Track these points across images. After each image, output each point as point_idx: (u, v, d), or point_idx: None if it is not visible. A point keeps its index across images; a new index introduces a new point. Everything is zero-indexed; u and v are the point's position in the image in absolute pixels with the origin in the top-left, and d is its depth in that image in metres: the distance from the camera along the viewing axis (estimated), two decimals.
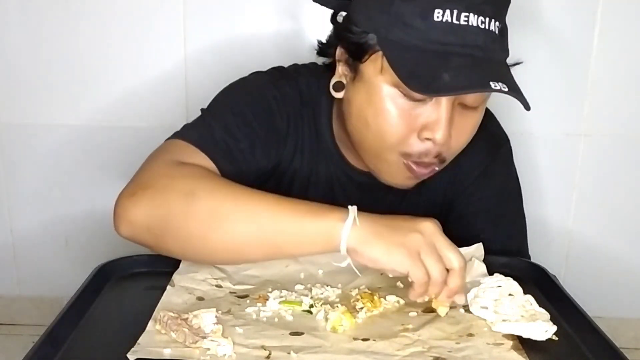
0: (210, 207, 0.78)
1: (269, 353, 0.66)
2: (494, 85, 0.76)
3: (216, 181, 0.83)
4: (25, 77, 1.52)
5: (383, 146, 0.86)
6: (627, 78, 1.51)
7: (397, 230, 0.74)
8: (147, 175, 0.85)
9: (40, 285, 1.67)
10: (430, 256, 0.73)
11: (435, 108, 0.82)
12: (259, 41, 1.47)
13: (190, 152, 0.88)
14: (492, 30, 0.79)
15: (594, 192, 1.59)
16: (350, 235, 0.74)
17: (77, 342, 0.69)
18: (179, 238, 0.80)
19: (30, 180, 1.59)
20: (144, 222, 0.81)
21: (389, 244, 0.73)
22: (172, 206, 0.80)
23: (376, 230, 0.74)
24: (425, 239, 0.73)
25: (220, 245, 0.79)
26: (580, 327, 0.75)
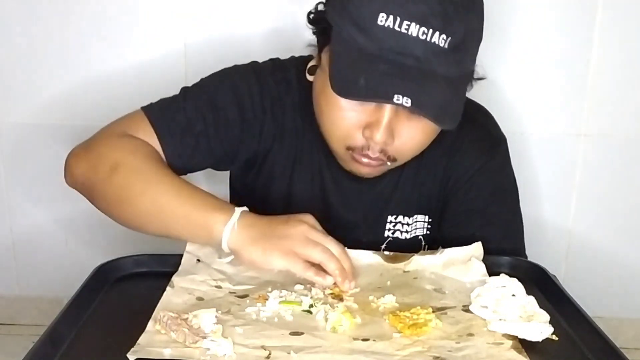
0: (125, 183, 0.89)
1: (269, 353, 0.66)
2: (397, 98, 0.78)
3: (139, 159, 0.91)
4: (24, 76, 1.52)
5: (331, 136, 0.91)
6: (627, 78, 1.52)
7: (271, 235, 0.82)
8: (95, 139, 0.97)
9: (40, 285, 1.67)
10: (305, 247, 0.80)
11: (377, 110, 0.85)
12: (259, 36, 1.47)
13: (143, 126, 0.96)
14: (434, 42, 0.80)
15: (593, 192, 1.59)
16: (230, 238, 0.82)
17: (77, 342, 0.69)
18: (101, 201, 0.93)
19: (30, 180, 1.59)
20: (79, 179, 0.95)
21: (264, 248, 0.81)
22: (98, 173, 0.91)
23: (252, 235, 0.82)
24: (297, 237, 0.81)
25: (128, 216, 0.90)
26: (580, 327, 0.75)
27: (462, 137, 1.01)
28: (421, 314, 0.74)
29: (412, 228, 1.05)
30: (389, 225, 1.04)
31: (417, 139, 0.89)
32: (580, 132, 1.55)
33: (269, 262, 0.81)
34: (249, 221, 0.83)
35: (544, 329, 0.71)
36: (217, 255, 0.87)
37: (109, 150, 0.93)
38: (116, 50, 1.50)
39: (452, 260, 0.88)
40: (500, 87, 1.49)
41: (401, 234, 1.04)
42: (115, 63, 1.51)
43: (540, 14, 1.47)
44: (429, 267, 0.88)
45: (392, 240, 1.04)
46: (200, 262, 0.86)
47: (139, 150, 0.93)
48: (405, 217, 1.04)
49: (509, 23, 1.44)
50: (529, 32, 1.47)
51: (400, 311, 0.75)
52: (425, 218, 1.05)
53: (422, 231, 1.05)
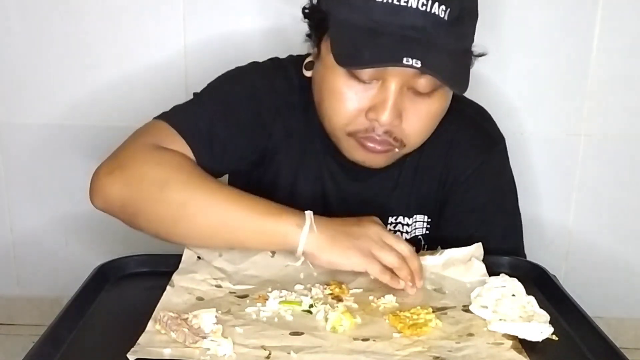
0: (182, 199, 0.84)
1: (269, 353, 0.66)
2: (407, 60, 0.78)
3: (189, 173, 0.88)
4: (24, 77, 1.52)
5: (333, 124, 0.91)
6: (627, 78, 1.51)
7: (348, 234, 0.82)
8: (127, 155, 0.90)
9: (40, 285, 1.67)
10: (382, 250, 0.81)
11: (382, 90, 0.85)
12: (259, 37, 1.47)
13: (172, 136, 0.92)
14: (435, 13, 0.80)
15: (593, 192, 1.59)
16: (307, 241, 0.81)
17: (77, 342, 0.70)
18: (150, 222, 0.86)
19: (30, 180, 1.59)
20: (118, 200, 0.87)
21: (344, 248, 0.81)
22: (146, 192, 0.85)
23: (331, 235, 0.81)
24: (374, 238, 0.82)
25: (188, 234, 0.86)
26: (580, 327, 0.75)
27: (461, 137, 1.01)
28: (421, 314, 0.74)
29: (412, 228, 1.05)
30: (390, 227, 1.04)
31: (424, 120, 0.89)
32: (580, 132, 1.55)
33: (349, 263, 0.81)
34: (324, 223, 0.82)
35: (544, 329, 0.71)
36: (217, 253, 0.87)
37: (150, 167, 0.87)
38: (116, 51, 1.50)
39: (452, 261, 0.88)
40: (500, 87, 1.48)
41: (401, 235, 1.04)
42: (115, 64, 1.50)
43: (540, 14, 1.47)
44: (429, 267, 0.88)
45: None
46: (201, 259, 0.86)
47: (183, 164, 0.89)
48: (405, 218, 1.04)
49: (509, 23, 1.44)
50: (529, 32, 1.47)
51: (400, 311, 0.75)
52: (424, 218, 1.05)
53: (421, 231, 1.05)
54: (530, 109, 1.53)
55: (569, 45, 1.49)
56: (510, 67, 1.49)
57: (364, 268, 0.80)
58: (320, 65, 0.91)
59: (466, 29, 0.87)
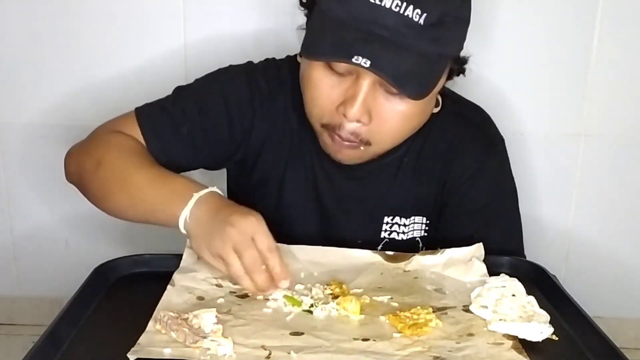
0: (105, 178, 0.92)
1: (269, 353, 0.66)
2: (356, 59, 0.79)
3: (123, 155, 0.93)
4: (25, 76, 1.52)
5: (310, 114, 0.92)
6: (627, 78, 1.51)
7: (208, 231, 0.79)
8: (89, 137, 1.00)
9: (40, 285, 1.67)
10: (227, 256, 0.77)
11: (354, 85, 0.85)
12: (259, 36, 1.47)
13: (133, 124, 0.98)
14: (408, 15, 0.81)
15: (593, 192, 1.59)
16: (186, 224, 0.81)
17: (77, 342, 0.70)
18: (88, 194, 0.96)
19: (30, 180, 1.59)
20: (73, 176, 0.99)
21: (198, 244, 0.81)
22: (85, 168, 0.94)
23: (197, 225, 0.81)
24: (226, 242, 0.77)
25: (112, 208, 0.93)
26: (580, 327, 0.75)
27: (460, 138, 1.01)
28: (421, 314, 0.74)
29: (410, 229, 1.04)
30: (386, 227, 1.03)
31: (394, 121, 0.88)
32: (580, 132, 1.55)
33: (203, 257, 0.81)
34: (201, 210, 0.81)
35: (544, 329, 0.71)
36: None
37: (96, 147, 0.96)
38: (116, 51, 1.49)
39: (452, 261, 0.88)
40: (500, 87, 1.48)
41: (398, 235, 1.04)
42: (115, 63, 1.50)
43: (540, 14, 1.47)
44: (430, 267, 0.88)
45: (388, 241, 1.04)
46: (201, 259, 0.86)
47: (123, 146, 0.94)
48: (402, 219, 1.03)
49: (509, 23, 1.44)
50: (529, 32, 1.47)
51: (400, 311, 0.75)
52: (422, 219, 1.05)
53: (419, 232, 1.05)
54: (530, 109, 1.53)
55: (569, 45, 1.49)
56: (510, 67, 1.48)
57: (211, 266, 0.80)
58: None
59: (446, 34, 0.85)
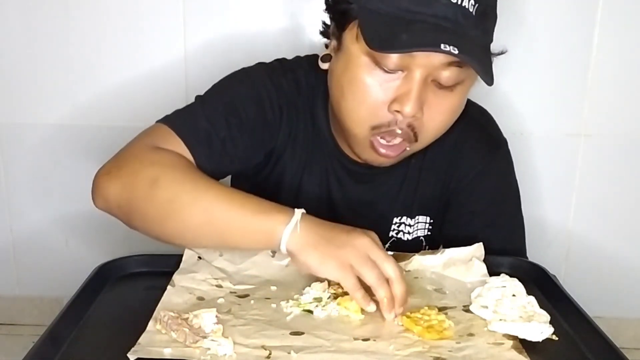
0: (169, 197, 0.84)
1: (269, 353, 0.66)
2: (444, 46, 0.77)
3: (181, 171, 0.87)
4: (25, 77, 1.52)
5: (354, 117, 0.88)
6: (627, 78, 1.52)
7: (332, 242, 0.77)
8: (124, 156, 0.91)
9: (40, 285, 1.67)
10: (362, 266, 0.75)
11: (407, 81, 0.83)
12: (259, 40, 1.47)
13: (170, 138, 0.92)
14: (464, 6, 0.80)
15: (594, 192, 1.59)
16: (290, 239, 0.78)
17: (77, 342, 0.69)
18: (142, 220, 0.86)
19: (30, 180, 1.59)
20: (114, 200, 0.87)
21: (322, 255, 0.77)
22: (137, 190, 0.85)
23: (313, 239, 0.78)
24: (358, 252, 0.76)
25: (175, 232, 0.85)
26: (580, 327, 0.75)
27: (464, 139, 1.01)
28: (432, 314, 0.74)
29: (414, 229, 1.05)
30: (394, 227, 1.04)
31: (444, 114, 0.88)
32: (580, 132, 1.55)
33: (323, 270, 0.77)
34: (311, 224, 0.79)
35: (544, 329, 0.71)
36: (218, 253, 0.87)
37: (143, 166, 0.87)
38: (116, 52, 1.50)
39: (452, 260, 0.88)
40: (500, 87, 1.48)
41: (404, 235, 1.04)
42: (115, 64, 1.51)
43: (540, 14, 1.47)
44: (430, 267, 0.88)
45: (395, 240, 1.04)
46: (201, 259, 0.86)
47: (176, 162, 0.88)
48: (407, 218, 1.04)
49: (509, 23, 1.44)
50: (528, 32, 1.47)
51: (410, 312, 0.75)
52: (426, 219, 1.05)
53: (423, 232, 1.05)
54: (530, 109, 1.53)
55: (569, 45, 1.49)
56: (510, 67, 1.48)
57: (338, 279, 0.76)
58: (341, 57, 0.89)
59: (490, 25, 0.86)
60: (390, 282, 0.75)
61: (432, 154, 1.00)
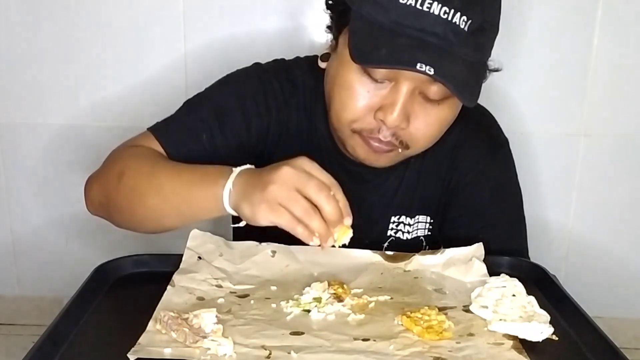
0: (132, 185, 0.87)
1: (269, 353, 0.66)
2: (420, 66, 0.78)
3: (144, 161, 0.90)
4: (25, 77, 1.52)
5: (340, 119, 0.89)
6: (627, 78, 1.52)
7: (257, 186, 0.76)
8: (105, 161, 0.96)
9: (40, 285, 1.67)
10: (288, 201, 0.74)
11: (393, 92, 0.84)
12: (259, 40, 1.47)
13: (150, 140, 0.95)
14: (455, 22, 0.80)
15: (594, 192, 1.59)
16: (230, 199, 0.79)
17: (77, 342, 0.69)
18: (117, 213, 0.91)
19: (30, 180, 1.59)
20: (96, 200, 0.94)
21: (252, 203, 0.76)
22: (109, 185, 0.90)
23: (243, 190, 0.78)
24: (281, 186, 0.75)
25: (143, 217, 0.88)
26: (580, 327, 0.75)
27: (465, 138, 1.01)
28: (432, 314, 0.74)
29: (414, 228, 1.05)
30: (392, 225, 1.04)
31: (431, 126, 0.88)
32: (580, 132, 1.55)
33: (257, 219, 0.75)
34: (244, 176, 0.79)
35: (544, 329, 0.71)
36: (218, 253, 0.87)
37: (114, 163, 0.92)
38: (116, 55, 1.50)
39: (452, 260, 0.88)
40: (500, 87, 1.48)
41: (403, 234, 1.04)
42: (114, 65, 1.51)
43: (540, 14, 1.47)
44: (430, 267, 0.88)
45: (393, 239, 1.04)
46: (201, 259, 0.86)
47: (142, 153, 0.92)
48: (407, 218, 1.04)
49: (509, 23, 1.44)
50: (528, 32, 1.47)
51: (410, 312, 0.75)
52: (426, 219, 1.05)
53: (423, 232, 1.05)
54: (530, 109, 1.53)
55: (569, 45, 1.49)
56: (510, 67, 1.48)
57: (272, 222, 0.74)
58: (335, 58, 0.90)
59: (485, 41, 0.86)
60: (319, 207, 0.75)
61: (432, 154, 1.00)
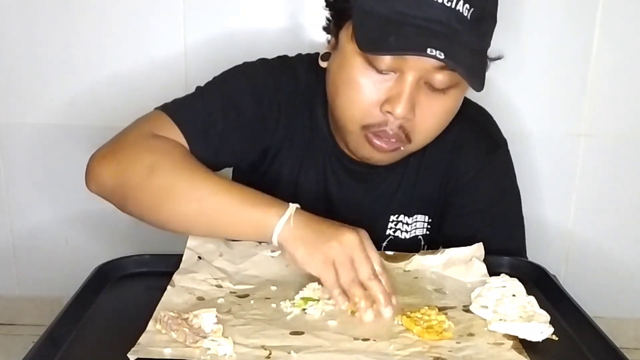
0: (165, 185, 0.85)
1: (269, 353, 0.66)
2: (431, 51, 0.78)
3: (177, 159, 0.88)
4: (25, 77, 1.52)
5: (347, 115, 0.89)
6: (627, 78, 1.52)
7: (320, 237, 0.79)
8: (121, 141, 0.91)
9: (40, 285, 1.67)
10: (343, 265, 0.77)
11: (399, 83, 0.84)
12: (259, 36, 1.47)
13: (168, 126, 0.92)
14: (459, 10, 0.80)
15: (593, 192, 1.59)
16: (282, 232, 0.80)
17: (77, 342, 0.70)
18: (137, 206, 0.88)
19: (30, 180, 1.59)
20: (109, 184, 0.89)
21: (309, 249, 0.79)
22: (133, 176, 0.86)
23: (303, 233, 0.79)
24: (342, 249, 0.78)
25: (169, 219, 0.86)
26: (580, 327, 0.75)
27: (464, 138, 1.02)
28: (432, 314, 0.74)
29: (412, 228, 1.05)
30: (391, 224, 1.04)
31: (437, 116, 0.88)
32: (580, 132, 1.55)
33: (307, 264, 0.79)
34: (304, 218, 0.81)
35: (544, 329, 0.71)
36: (218, 253, 0.87)
37: (141, 152, 0.88)
38: (115, 50, 1.50)
39: (452, 260, 0.88)
40: (500, 87, 1.48)
41: (401, 234, 1.04)
42: (114, 63, 1.50)
43: (540, 14, 1.47)
44: (430, 267, 0.88)
45: (392, 239, 1.05)
46: (201, 259, 0.86)
47: (173, 150, 0.89)
48: (405, 217, 1.04)
49: (509, 23, 1.44)
50: (529, 32, 1.47)
51: (411, 312, 0.75)
52: (425, 218, 1.05)
53: (421, 231, 1.06)
54: (530, 109, 1.53)
55: (569, 45, 1.49)
56: (510, 67, 1.48)
57: (319, 274, 0.78)
58: (337, 55, 0.90)
59: (486, 29, 0.86)
60: (364, 284, 0.77)
61: (431, 154, 1.00)
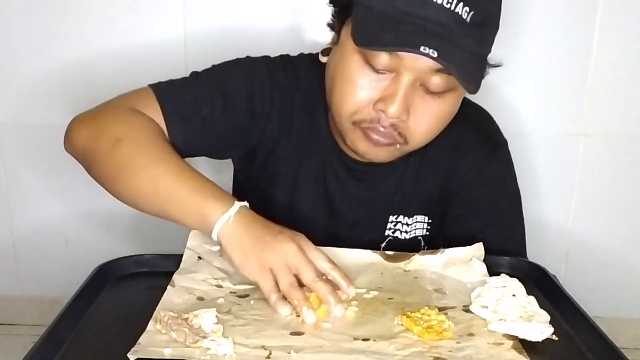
0: (126, 158, 0.87)
1: (269, 353, 0.66)
2: (424, 49, 0.78)
3: (144, 136, 0.89)
4: (25, 77, 1.52)
5: (340, 110, 0.89)
6: (627, 78, 1.52)
7: (258, 242, 0.79)
8: (102, 109, 0.94)
9: (40, 285, 1.67)
10: (280, 271, 0.77)
11: (394, 83, 0.84)
12: (260, 30, 1.47)
13: (151, 103, 0.94)
14: (458, 12, 0.80)
15: (593, 192, 1.59)
16: (221, 230, 0.79)
17: (77, 342, 0.70)
18: (97, 173, 0.90)
19: (30, 180, 1.59)
20: (80, 148, 0.92)
21: (245, 254, 0.78)
22: (100, 145, 0.89)
23: (241, 236, 0.79)
24: (280, 256, 0.77)
25: (124, 193, 0.88)
26: (580, 327, 0.75)
27: (464, 138, 1.01)
28: (432, 314, 0.74)
29: (412, 228, 1.05)
30: (390, 225, 1.04)
31: (432, 119, 0.88)
32: (580, 132, 1.55)
33: (244, 269, 0.79)
34: (245, 219, 0.80)
35: (544, 329, 0.71)
36: (218, 253, 0.87)
37: (113, 123, 0.90)
38: (115, 50, 1.50)
39: (452, 260, 0.88)
40: (500, 87, 1.49)
41: (401, 234, 1.04)
42: (114, 61, 1.50)
43: (540, 14, 1.47)
44: (430, 267, 0.88)
45: (392, 239, 1.04)
46: (201, 259, 0.86)
47: (145, 127, 0.90)
48: (405, 217, 1.04)
49: (509, 23, 1.44)
50: (528, 32, 1.47)
51: (410, 312, 0.75)
52: (425, 219, 1.05)
53: (421, 232, 1.05)
54: (530, 109, 1.53)
55: (569, 45, 1.49)
56: (510, 67, 1.48)
57: (256, 280, 0.78)
58: (337, 51, 0.90)
59: (486, 36, 0.86)
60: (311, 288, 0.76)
61: (431, 154, 1.00)
